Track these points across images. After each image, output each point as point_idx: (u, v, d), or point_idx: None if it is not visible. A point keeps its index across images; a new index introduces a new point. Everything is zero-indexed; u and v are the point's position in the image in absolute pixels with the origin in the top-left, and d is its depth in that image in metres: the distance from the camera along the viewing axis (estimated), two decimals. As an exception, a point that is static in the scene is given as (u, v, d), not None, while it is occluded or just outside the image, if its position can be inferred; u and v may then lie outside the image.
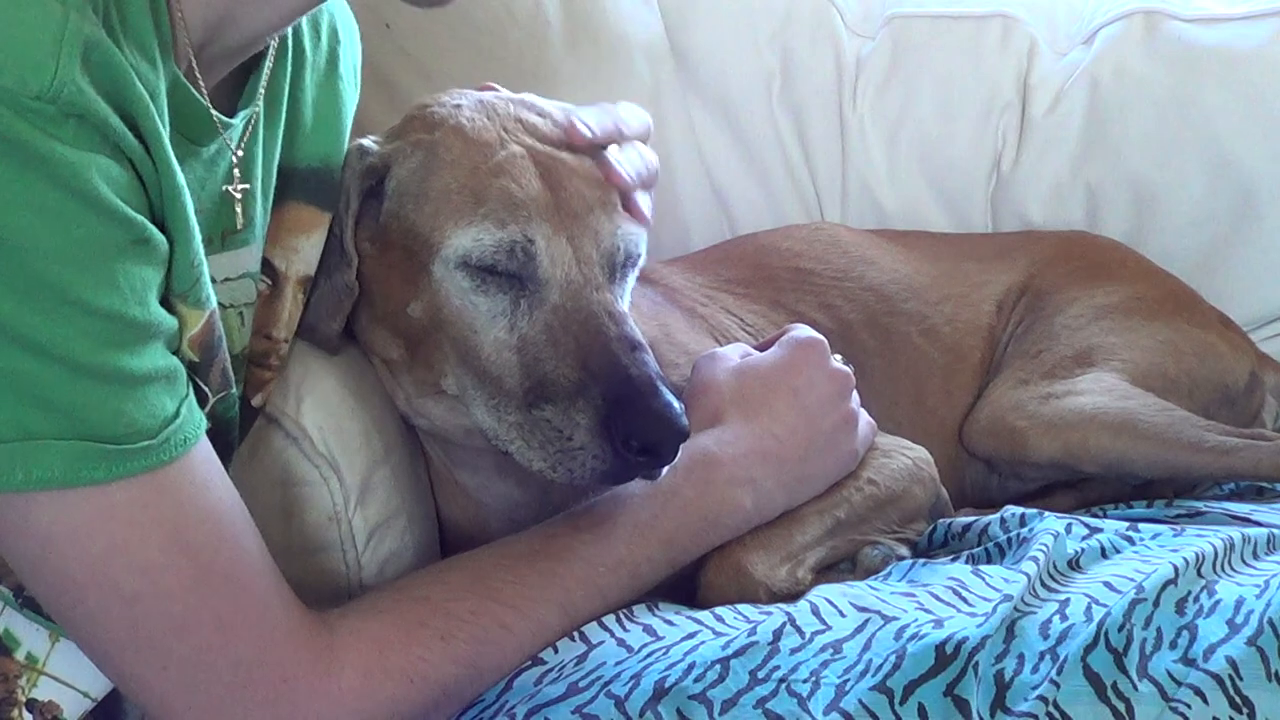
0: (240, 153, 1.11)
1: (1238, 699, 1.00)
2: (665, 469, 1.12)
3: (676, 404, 1.10)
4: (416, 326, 1.20)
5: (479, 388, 1.16)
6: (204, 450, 1.01)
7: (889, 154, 1.93)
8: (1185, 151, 1.86)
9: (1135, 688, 1.00)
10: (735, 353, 1.34)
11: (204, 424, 1.01)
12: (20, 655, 1.11)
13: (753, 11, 1.93)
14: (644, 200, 1.25)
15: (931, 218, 1.92)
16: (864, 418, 1.36)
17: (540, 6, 1.82)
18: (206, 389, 1.08)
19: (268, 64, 1.15)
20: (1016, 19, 1.95)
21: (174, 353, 1.00)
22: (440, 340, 1.18)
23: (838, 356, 1.35)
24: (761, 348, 1.36)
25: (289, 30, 1.17)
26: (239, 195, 1.12)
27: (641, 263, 1.24)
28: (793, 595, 1.20)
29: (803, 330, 1.37)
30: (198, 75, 1.05)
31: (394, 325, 1.22)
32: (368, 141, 1.24)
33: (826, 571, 1.29)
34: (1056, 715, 0.98)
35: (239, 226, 1.13)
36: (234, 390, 1.13)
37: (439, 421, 1.26)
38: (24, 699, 1.11)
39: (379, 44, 1.74)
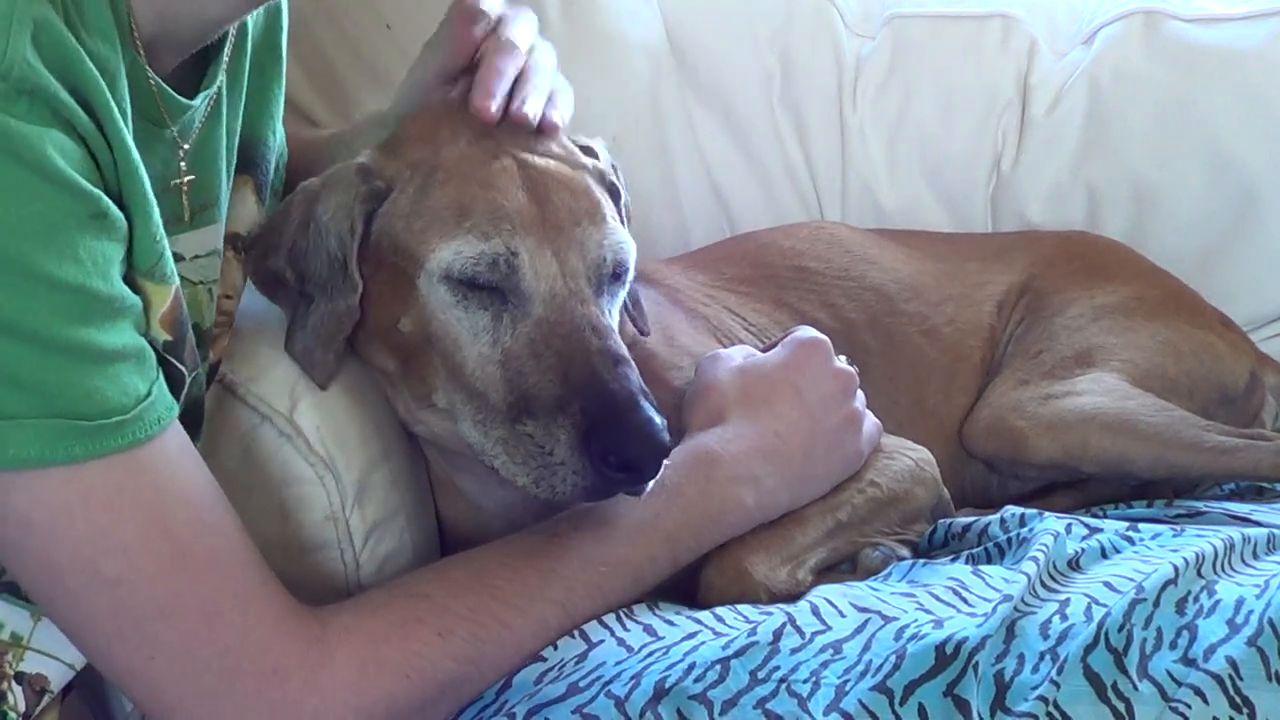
0: (186, 146, 1.12)
1: (1238, 699, 1.00)
2: (649, 485, 1.12)
3: (658, 419, 1.09)
4: (408, 342, 1.19)
5: (466, 402, 1.16)
6: (178, 434, 1.01)
7: (889, 154, 1.93)
8: (1185, 151, 1.86)
9: (1135, 688, 1.01)
10: (738, 354, 1.34)
11: (175, 408, 1.01)
12: (5, 635, 1.11)
13: (753, 11, 1.93)
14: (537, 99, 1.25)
15: (931, 218, 1.92)
16: (870, 418, 1.36)
17: (540, 6, 1.81)
18: (183, 368, 1.08)
19: (228, 46, 1.16)
20: (1016, 19, 1.95)
21: (145, 334, 1.01)
22: (430, 355, 1.18)
23: (842, 357, 1.36)
24: (766, 350, 1.36)
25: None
26: (185, 188, 1.13)
27: (631, 275, 1.23)
28: (793, 596, 1.20)
29: (806, 330, 1.37)
30: (154, 62, 1.06)
31: (387, 341, 1.22)
32: (367, 160, 1.22)
33: (827, 572, 1.29)
34: (1057, 715, 0.98)
35: (187, 216, 1.14)
36: (200, 368, 1.14)
37: (439, 430, 1.26)
38: (12, 673, 1.12)
39: (379, 44, 1.75)
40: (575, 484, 1.09)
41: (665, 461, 1.11)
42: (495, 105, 1.20)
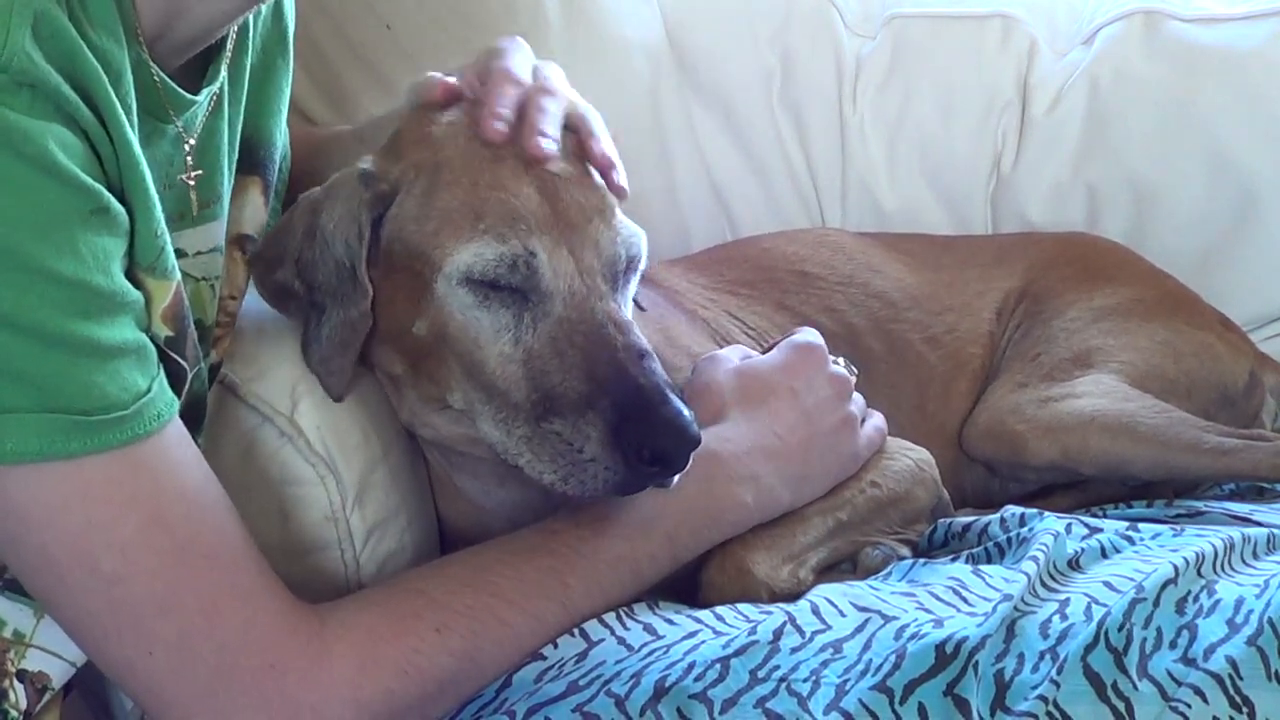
0: (192, 141, 1.12)
1: (1238, 699, 1.00)
2: (676, 477, 1.12)
3: (687, 412, 1.10)
4: (421, 344, 1.19)
5: (486, 402, 1.16)
6: (178, 430, 1.01)
7: (889, 154, 1.93)
8: (1185, 151, 1.86)
9: (1135, 687, 1.01)
10: (735, 354, 1.35)
11: (176, 404, 1.01)
12: (7, 633, 1.11)
13: (753, 11, 1.93)
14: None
15: (931, 218, 1.92)
16: (872, 422, 1.37)
17: (540, 6, 1.82)
18: (184, 363, 1.08)
19: (229, 43, 1.16)
20: (1016, 19, 1.95)
21: (146, 330, 1.01)
22: (445, 356, 1.18)
23: (839, 361, 1.36)
24: (763, 353, 1.36)
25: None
26: (192, 183, 1.13)
27: (643, 265, 1.23)
28: (794, 595, 1.20)
29: (802, 335, 1.37)
30: (158, 58, 1.07)
31: (398, 344, 1.21)
32: (369, 166, 1.20)
33: (828, 571, 1.29)
34: (1056, 715, 0.98)
35: (194, 211, 1.14)
36: (203, 364, 1.14)
37: (444, 432, 1.26)
38: (14, 670, 1.12)
39: (379, 44, 1.75)
40: (606, 480, 1.10)
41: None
42: (501, 125, 1.17)
